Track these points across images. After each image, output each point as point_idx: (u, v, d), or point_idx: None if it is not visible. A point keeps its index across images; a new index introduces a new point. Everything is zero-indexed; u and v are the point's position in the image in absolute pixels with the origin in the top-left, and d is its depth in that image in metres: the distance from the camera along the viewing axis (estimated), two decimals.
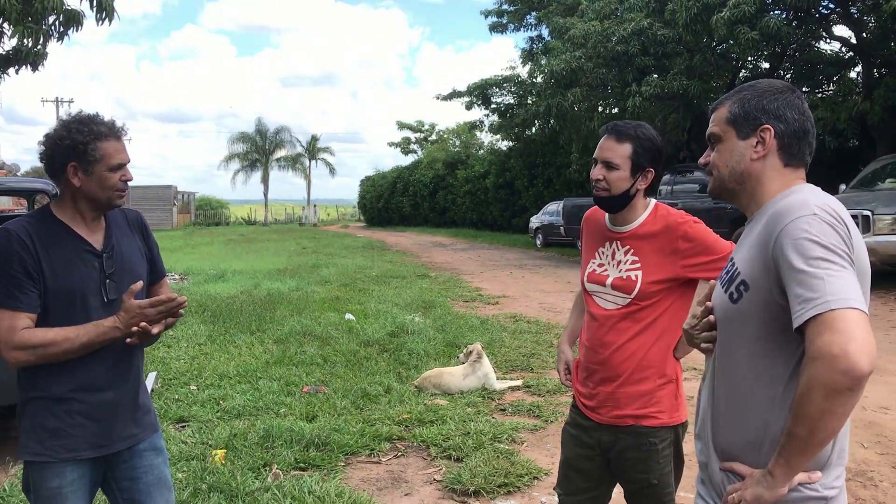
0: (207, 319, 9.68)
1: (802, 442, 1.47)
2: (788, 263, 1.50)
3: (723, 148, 1.77)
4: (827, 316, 1.41)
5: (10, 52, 9.45)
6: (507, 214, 33.24)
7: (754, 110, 1.72)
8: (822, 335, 1.41)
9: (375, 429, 5.20)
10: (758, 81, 1.79)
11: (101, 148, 2.24)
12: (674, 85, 17.13)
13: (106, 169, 2.25)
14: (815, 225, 1.51)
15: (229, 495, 4.02)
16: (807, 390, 1.43)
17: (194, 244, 28.32)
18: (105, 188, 2.27)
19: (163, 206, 46.91)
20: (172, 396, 6.07)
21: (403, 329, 8.75)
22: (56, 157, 2.25)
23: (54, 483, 2.26)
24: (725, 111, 1.77)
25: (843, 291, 1.43)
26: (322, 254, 21.91)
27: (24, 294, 2.17)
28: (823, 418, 1.42)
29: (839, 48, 19.06)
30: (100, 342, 2.23)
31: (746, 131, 1.73)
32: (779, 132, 1.71)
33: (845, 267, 1.47)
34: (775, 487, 1.54)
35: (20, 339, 2.15)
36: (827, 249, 1.48)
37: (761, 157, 1.72)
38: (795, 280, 1.48)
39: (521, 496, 4.18)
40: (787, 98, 1.72)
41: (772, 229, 1.57)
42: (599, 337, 2.53)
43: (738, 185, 1.76)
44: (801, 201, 1.58)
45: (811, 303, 1.43)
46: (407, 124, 48.53)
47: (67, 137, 2.22)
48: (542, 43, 26.96)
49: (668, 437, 2.49)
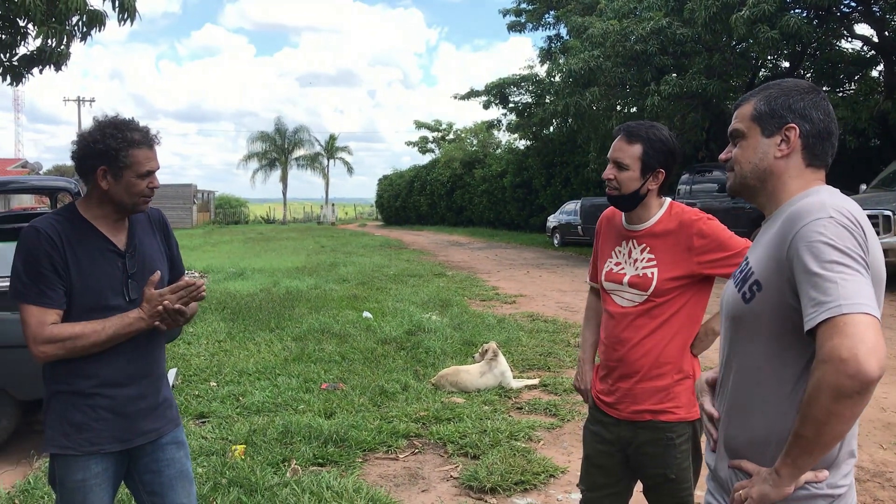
0: (227, 317, 9.77)
1: (809, 443, 1.47)
2: (803, 266, 1.50)
3: (746, 144, 1.76)
4: (838, 320, 1.41)
5: (34, 53, 9.56)
6: (524, 214, 33.18)
7: (781, 108, 1.72)
8: (833, 338, 1.41)
9: (393, 426, 5.24)
10: (783, 80, 1.79)
11: (133, 155, 2.28)
12: (693, 84, 17.03)
13: (135, 176, 2.29)
14: (830, 228, 1.51)
15: (249, 490, 4.06)
16: (815, 392, 1.43)
17: (214, 242, 28.52)
18: (132, 194, 2.31)
19: (182, 205, 47.21)
20: (192, 392, 6.15)
21: (420, 327, 8.78)
22: (87, 159, 2.29)
23: (79, 476, 2.31)
24: (750, 108, 1.76)
25: (855, 296, 1.43)
26: (340, 252, 22.00)
27: (52, 291, 2.22)
28: (830, 421, 1.43)
29: (860, 47, 18.90)
30: (125, 334, 2.28)
31: (771, 129, 1.72)
32: (804, 132, 1.70)
33: (860, 271, 1.47)
34: (781, 486, 1.54)
35: (49, 334, 2.20)
36: (842, 253, 1.47)
37: (785, 156, 1.71)
38: (809, 283, 1.48)
39: (538, 494, 4.21)
40: (814, 98, 1.72)
41: (787, 231, 1.57)
42: (617, 334, 2.56)
43: (759, 182, 1.75)
44: (818, 203, 1.57)
45: (823, 306, 1.44)
46: (424, 123, 48.55)
47: (101, 142, 2.26)
48: (561, 42, 26.84)
49: (686, 432, 2.52)
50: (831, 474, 1.60)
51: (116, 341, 2.28)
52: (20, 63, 9.65)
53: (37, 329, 2.21)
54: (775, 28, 14.59)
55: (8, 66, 9.51)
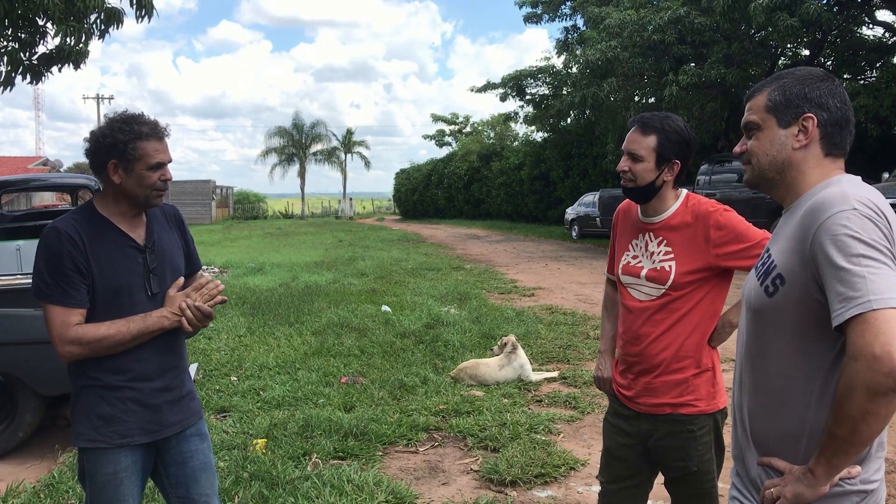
0: (247, 311, 9.82)
1: (844, 442, 1.45)
2: (829, 260, 1.47)
3: (762, 136, 1.73)
4: (869, 315, 1.38)
5: (53, 51, 9.63)
6: (542, 206, 33.09)
7: (796, 98, 1.68)
8: (864, 335, 1.38)
9: (413, 419, 5.25)
10: (797, 69, 1.75)
11: (141, 147, 2.29)
12: (711, 73, 16.85)
13: (145, 168, 2.30)
14: (854, 220, 1.47)
15: (270, 483, 4.09)
16: (848, 391, 1.40)
17: (233, 238, 28.67)
18: (143, 187, 2.32)
19: (201, 201, 47.49)
20: (213, 387, 6.19)
21: (439, 321, 8.79)
22: (98, 154, 2.31)
23: (109, 469, 2.33)
24: (764, 99, 1.72)
25: (885, 290, 1.40)
26: (358, 247, 22.05)
27: (75, 290, 2.24)
28: (866, 419, 1.40)
29: (882, 33, 18.59)
30: (150, 332, 2.31)
31: (788, 119, 1.69)
32: (822, 121, 1.67)
33: (887, 263, 1.44)
34: (816, 486, 1.51)
35: (74, 335, 2.23)
36: (868, 246, 1.44)
37: (803, 147, 1.68)
38: (836, 277, 1.45)
39: (558, 486, 4.20)
40: (829, 86, 1.68)
41: (810, 224, 1.54)
42: (635, 329, 2.54)
43: (777, 174, 1.72)
44: (839, 194, 1.53)
45: (852, 301, 1.41)
46: (441, 117, 48.56)
47: (109, 136, 2.28)
48: (578, 33, 26.66)
49: (707, 424, 2.50)
50: (863, 469, 1.57)
51: (140, 341, 2.31)
52: (39, 62, 9.72)
53: (62, 329, 2.23)
54: (795, 15, 14.40)
55: (28, 65, 9.58)
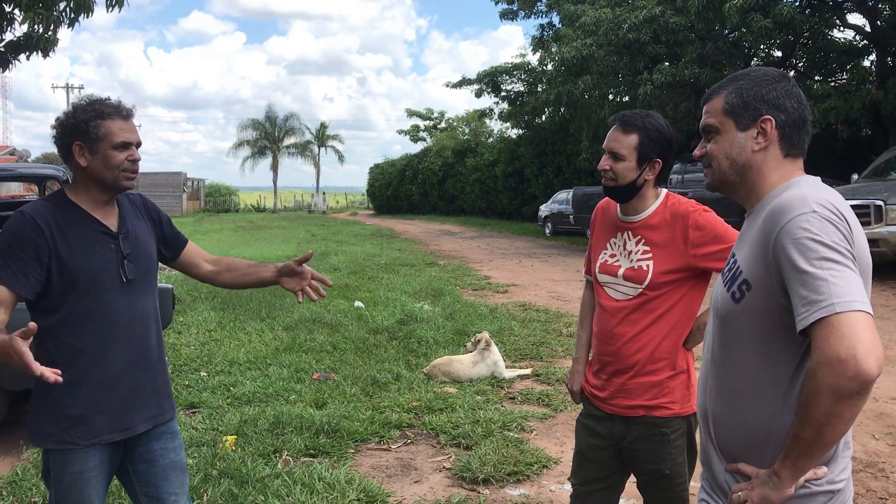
0: (217, 306, 9.72)
1: (809, 445, 1.45)
2: (791, 264, 1.46)
3: (721, 140, 1.72)
4: (833, 319, 1.38)
5: (20, 39, 9.45)
6: (516, 203, 33.16)
7: (753, 100, 1.68)
8: (828, 339, 1.38)
9: (385, 416, 5.22)
10: (752, 69, 1.75)
11: (104, 126, 2.24)
12: (685, 73, 17.00)
13: (110, 147, 2.24)
14: (815, 223, 1.47)
15: (240, 481, 4.04)
16: (814, 395, 1.40)
17: (204, 231, 28.39)
18: (110, 168, 2.26)
19: (172, 193, 47.01)
20: (183, 382, 6.10)
21: (412, 317, 8.75)
22: (64, 138, 2.26)
23: (76, 468, 2.27)
24: (721, 102, 1.72)
25: (847, 293, 1.39)
26: (331, 241, 21.93)
27: (23, 275, 2.16)
28: (831, 422, 1.40)
29: (853, 36, 18.85)
30: None
31: (746, 122, 1.68)
32: (780, 122, 1.67)
33: (848, 265, 1.44)
34: (782, 488, 1.52)
35: None
36: (829, 248, 1.44)
37: (762, 149, 1.68)
38: (799, 281, 1.44)
39: (531, 484, 4.19)
40: (785, 87, 1.68)
41: (771, 228, 1.53)
42: (611, 329, 2.52)
43: (738, 177, 1.72)
44: (799, 197, 1.53)
45: (816, 305, 1.40)
46: (416, 112, 48.43)
47: (72, 117, 2.24)
48: (553, 30, 26.75)
49: (681, 427, 2.49)
50: (830, 470, 1.58)
51: None
52: (6, 49, 9.54)
53: None
54: (768, 17, 14.57)
55: None
